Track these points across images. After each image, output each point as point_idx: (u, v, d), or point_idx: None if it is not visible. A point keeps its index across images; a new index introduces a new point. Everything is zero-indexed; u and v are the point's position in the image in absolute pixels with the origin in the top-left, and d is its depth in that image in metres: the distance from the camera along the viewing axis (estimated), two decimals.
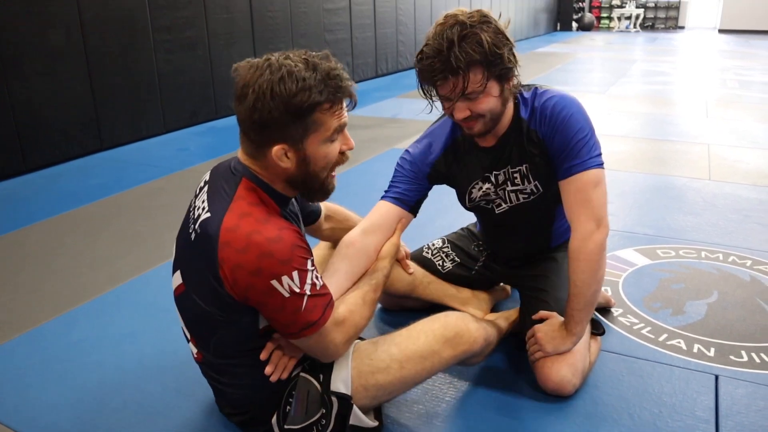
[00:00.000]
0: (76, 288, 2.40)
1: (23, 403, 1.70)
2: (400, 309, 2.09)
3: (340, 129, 1.31)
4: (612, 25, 17.81)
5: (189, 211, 1.39)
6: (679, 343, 1.94)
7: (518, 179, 1.72)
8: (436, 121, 1.81)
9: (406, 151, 1.79)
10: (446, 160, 1.75)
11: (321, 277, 1.31)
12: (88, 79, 4.33)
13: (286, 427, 1.42)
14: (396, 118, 5.52)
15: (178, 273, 1.37)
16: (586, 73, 8.58)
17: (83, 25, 4.23)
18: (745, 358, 1.85)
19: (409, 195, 1.72)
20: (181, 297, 1.38)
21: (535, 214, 1.76)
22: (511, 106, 1.65)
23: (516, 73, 1.55)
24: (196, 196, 1.39)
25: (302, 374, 1.44)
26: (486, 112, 1.54)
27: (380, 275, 1.55)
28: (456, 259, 2.05)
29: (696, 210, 3.11)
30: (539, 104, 1.63)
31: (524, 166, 1.70)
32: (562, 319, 1.67)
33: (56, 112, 4.14)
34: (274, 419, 1.43)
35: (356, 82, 7.61)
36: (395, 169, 1.78)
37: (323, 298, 1.30)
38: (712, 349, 1.90)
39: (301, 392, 1.42)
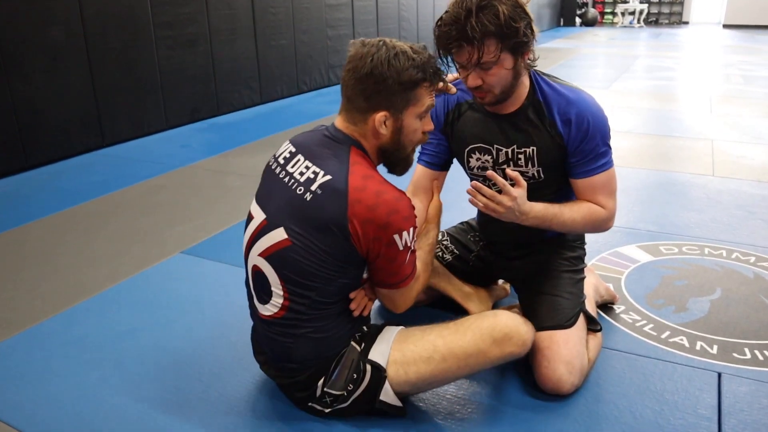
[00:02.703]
0: (77, 285, 2.40)
1: (23, 401, 1.70)
2: None
3: (430, 109, 1.48)
4: (615, 20, 17.75)
5: (280, 176, 1.49)
6: (681, 340, 1.93)
7: (522, 161, 1.73)
8: None
9: None
10: (456, 113, 1.81)
11: None
12: (90, 76, 4.32)
13: (326, 389, 1.51)
14: None
15: (280, 230, 1.44)
16: (589, 69, 8.55)
17: (84, 21, 4.22)
18: (748, 356, 1.84)
19: (438, 156, 1.87)
20: (281, 253, 1.44)
21: (532, 199, 1.74)
22: (526, 81, 1.68)
23: (532, 47, 1.59)
24: (284, 167, 1.49)
25: (352, 343, 1.52)
26: (496, 84, 1.59)
27: (432, 235, 1.72)
28: (455, 251, 2.05)
29: (699, 206, 3.09)
30: (565, 105, 1.66)
31: (531, 148, 1.70)
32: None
33: (57, 109, 4.13)
34: (321, 382, 1.51)
35: None
36: None
37: (415, 256, 1.51)
38: (715, 347, 1.89)
39: (347, 359, 1.50)
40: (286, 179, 1.47)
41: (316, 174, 1.42)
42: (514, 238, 1.92)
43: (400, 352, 1.50)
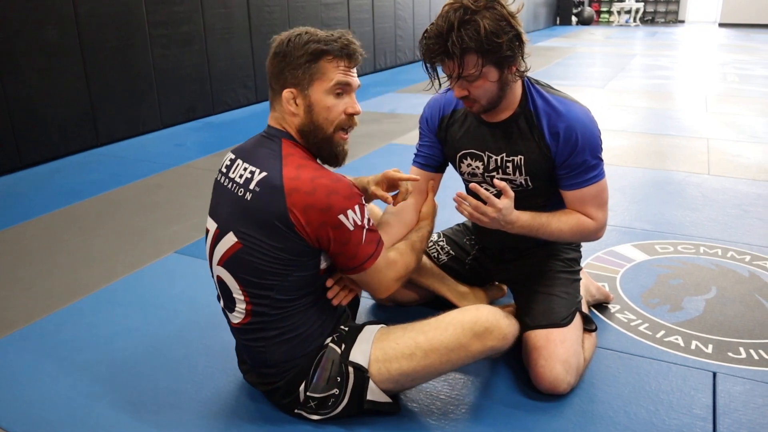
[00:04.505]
0: (71, 285, 2.38)
1: (14, 401, 1.69)
2: (393, 303, 2.08)
3: (343, 85, 1.45)
4: (612, 19, 17.76)
5: (224, 184, 1.50)
6: (676, 339, 1.93)
7: (510, 169, 1.72)
8: None
9: (429, 102, 1.88)
10: (450, 120, 1.81)
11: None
12: (84, 75, 4.30)
13: (308, 393, 1.50)
14: (394, 113, 5.50)
15: (230, 235, 1.45)
16: (585, 68, 8.55)
17: (79, 20, 4.20)
18: (744, 355, 1.84)
19: (433, 158, 1.87)
20: (235, 257, 1.45)
21: (522, 207, 1.74)
22: (518, 90, 1.67)
23: (520, 59, 1.56)
24: (227, 174, 1.51)
25: (331, 344, 1.52)
26: (482, 96, 1.59)
27: (425, 230, 1.76)
28: (451, 252, 2.04)
29: (695, 205, 3.09)
30: (555, 117, 1.65)
31: (519, 157, 1.70)
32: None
33: (52, 108, 4.11)
34: (302, 387, 1.50)
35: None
36: (419, 122, 1.90)
37: (376, 234, 1.49)
38: (710, 346, 1.89)
39: (327, 361, 1.50)
40: (229, 185, 1.49)
41: (252, 173, 1.43)
42: (508, 243, 1.91)
43: (382, 351, 1.50)
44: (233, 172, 1.49)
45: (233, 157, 1.53)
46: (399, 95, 6.42)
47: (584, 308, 1.88)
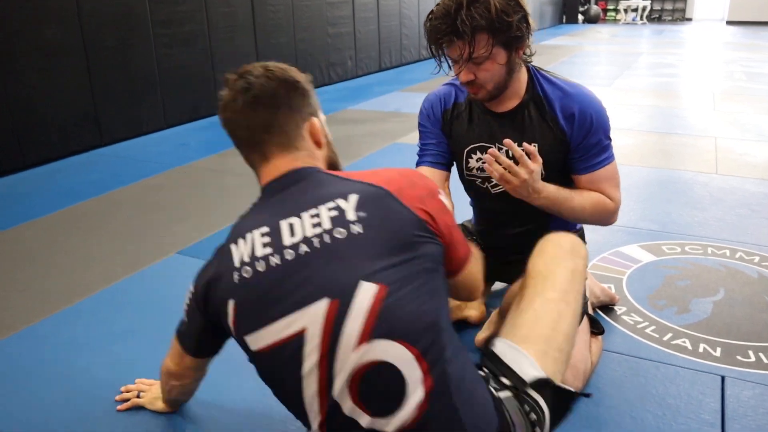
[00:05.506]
0: (71, 286, 2.37)
1: (11, 404, 1.68)
2: None
3: None
4: (618, 17, 17.69)
5: (289, 260, 1.11)
6: (684, 342, 1.89)
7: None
8: None
9: (426, 98, 1.82)
10: (453, 113, 1.77)
11: None
12: (87, 74, 4.30)
13: None
14: (398, 112, 5.48)
15: (362, 288, 1.07)
16: (591, 66, 8.50)
17: (81, 19, 4.19)
18: (753, 359, 1.80)
19: (442, 156, 1.81)
20: (385, 312, 1.06)
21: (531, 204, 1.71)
22: (523, 77, 1.64)
23: (528, 42, 1.54)
24: (277, 252, 1.12)
25: (497, 394, 1.16)
26: (489, 80, 1.55)
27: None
28: None
29: (702, 205, 3.05)
30: (567, 100, 1.63)
31: (533, 145, 1.66)
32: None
33: (54, 108, 4.11)
34: None
35: (359, 76, 7.62)
36: (418, 121, 1.83)
37: None
38: (719, 349, 1.85)
39: (516, 415, 1.16)
40: (302, 249, 1.11)
41: (335, 209, 1.13)
42: (515, 243, 1.88)
43: (533, 343, 1.22)
44: (293, 236, 1.13)
45: (267, 230, 1.15)
46: (404, 94, 6.40)
47: (589, 310, 1.85)
